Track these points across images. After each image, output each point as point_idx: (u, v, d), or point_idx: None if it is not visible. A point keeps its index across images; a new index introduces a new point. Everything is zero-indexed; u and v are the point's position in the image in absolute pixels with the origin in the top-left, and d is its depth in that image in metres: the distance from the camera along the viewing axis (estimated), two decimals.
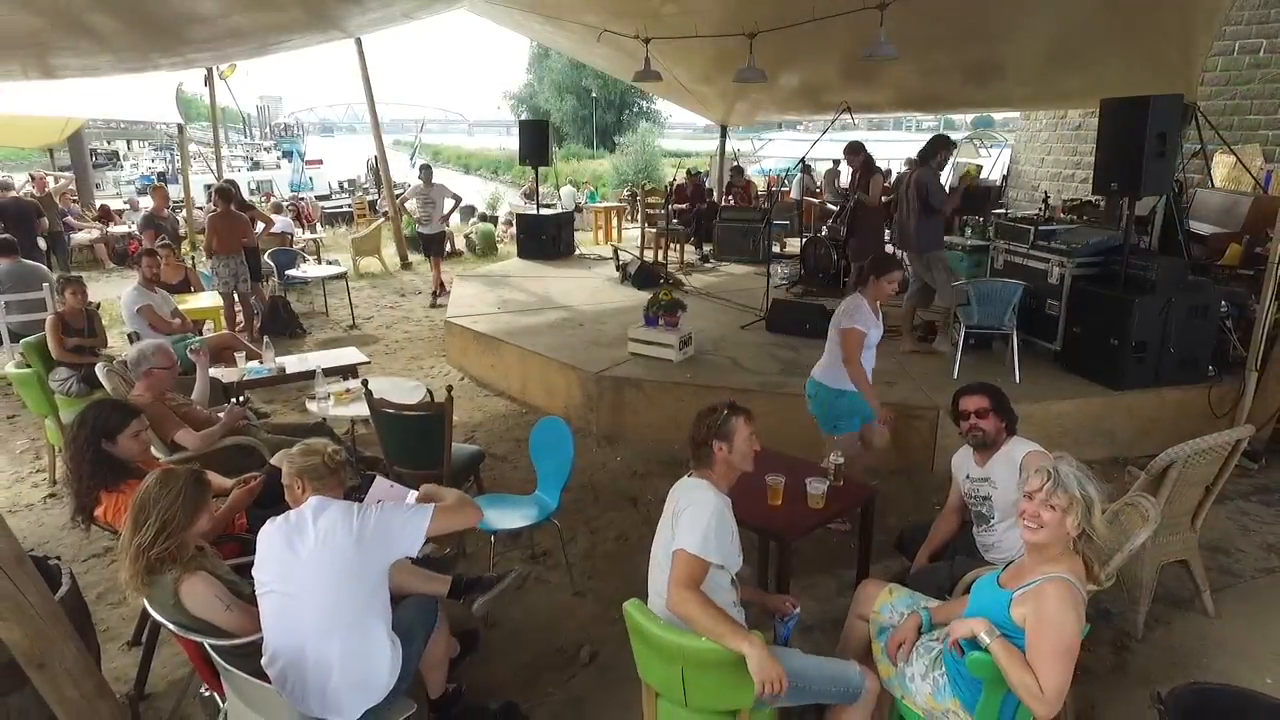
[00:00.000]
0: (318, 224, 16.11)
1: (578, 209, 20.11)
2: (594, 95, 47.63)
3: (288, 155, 40.06)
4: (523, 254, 10.48)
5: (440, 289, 9.48)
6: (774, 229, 10.40)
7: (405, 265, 11.76)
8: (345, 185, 29.87)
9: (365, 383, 3.89)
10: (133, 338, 5.78)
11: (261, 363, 5.31)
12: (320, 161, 34.75)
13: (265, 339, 5.56)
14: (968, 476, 2.94)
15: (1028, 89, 9.52)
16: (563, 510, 3.68)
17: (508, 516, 3.46)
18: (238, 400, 4.61)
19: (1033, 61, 8.12)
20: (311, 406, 4.31)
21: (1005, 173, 14.63)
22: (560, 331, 6.63)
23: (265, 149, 48.57)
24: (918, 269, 5.98)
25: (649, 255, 10.05)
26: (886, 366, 5.53)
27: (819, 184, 16.24)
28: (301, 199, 17.51)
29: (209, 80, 17.98)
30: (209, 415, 4.04)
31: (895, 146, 16.06)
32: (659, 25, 8.02)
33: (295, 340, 8.14)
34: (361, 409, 3.98)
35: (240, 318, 8.11)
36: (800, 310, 6.52)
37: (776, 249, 10.44)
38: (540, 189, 25.67)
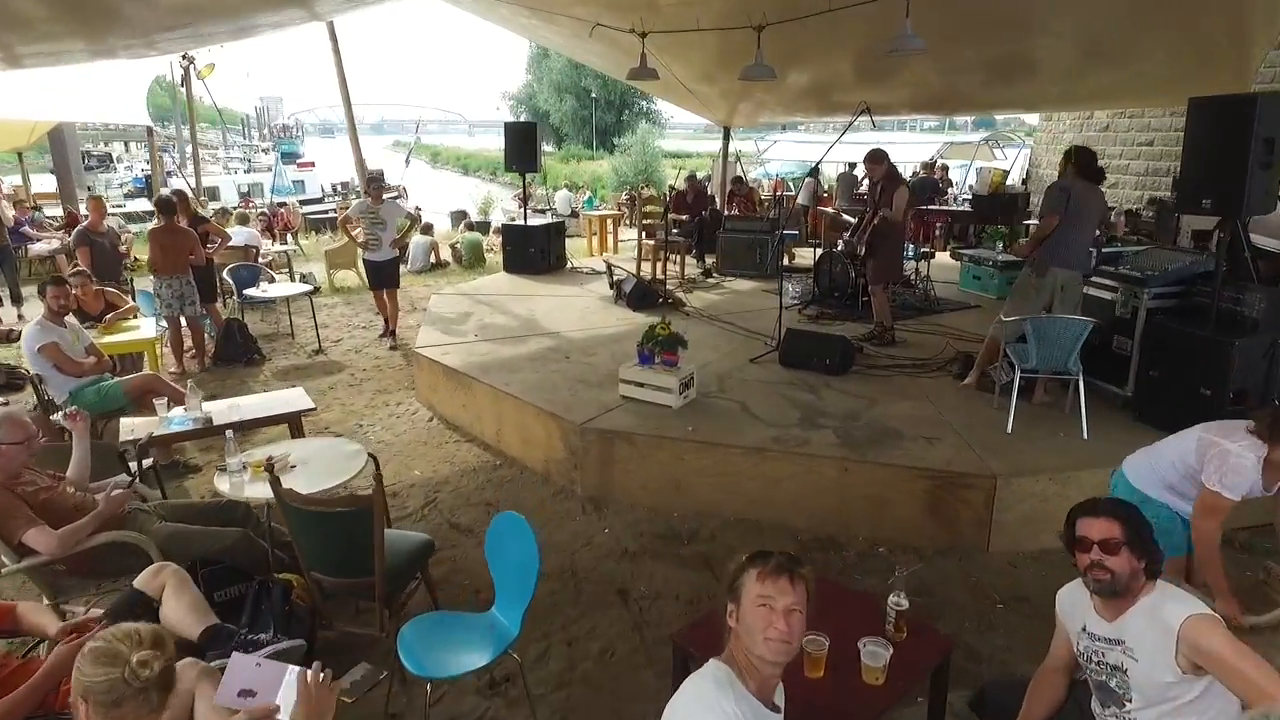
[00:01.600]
0: (298, 232, 15.27)
1: (573, 214, 19.31)
2: (593, 95, 47.00)
3: (287, 156, 39.32)
4: (510, 267, 9.62)
5: (388, 330, 7.93)
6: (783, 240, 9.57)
7: None
8: (338, 188, 29.09)
9: (271, 467, 3.03)
10: (36, 381, 4.93)
11: (186, 409, 4.47)
12: (312, 164, 33.94)
13: (189, 382, 4.71)
14: (1087, 631, 2.07)
15: (1058, 87, 8.69)
16: (532, 610, 2.81)
17: (450, 658, 2.59)
18: (132, 473, 3.74)
19: (1066, 57, 7.28)
20: (220, 484, 3.45)
21: (1025, 176, 13.75)
22: (543, 366, 5.77)
23: (263, 150, 47.92)
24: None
25: (646, 269, 9.21)
26: (923, 413, 4.69)
27: (827, 189, 15.39)
28: (283, 205, 16.68)
29: (186, 80, 17.23)
30: (83, 499, 3.19)
31: (896, 149, 15.24)
32: (657, 18, 7.17)
33: (252, 368, 7.29)
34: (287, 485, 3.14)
35: (190, 344, 7.27)
36: (818, 342, 5.65)
37: (785, 260, 9.59)
38: (534, 192, 24.91)
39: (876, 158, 6.07)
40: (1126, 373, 4.57)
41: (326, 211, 20.48)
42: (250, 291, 7.82)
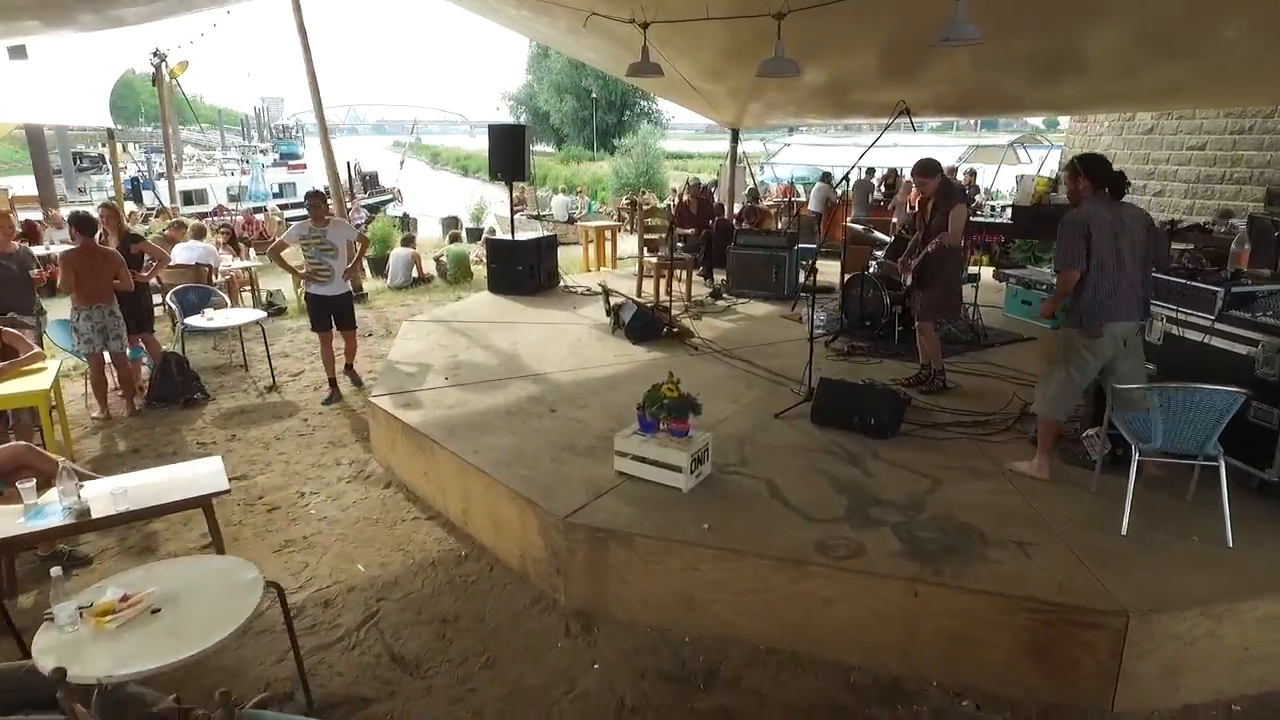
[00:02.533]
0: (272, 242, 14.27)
1: (571, 220, 18.28)
2: (594, 96, 46.19)
3: (286, 157, 38.42)
4: (495, 287, 8.60)
5: (332, 385, 6.38)
6: (801, 256, 8.54)
7: (359, 296, 9.88)
8: (329, 191, 28.06)
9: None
10: None
11: (61, 495, 3.44)
12: (304, 165, 32.91)
13: (62, 462, 3.66)
14: None
15: (1114, 85, 7.63)
16: None
17: None
18: None
19: (1126, 49, 6.22)
20: (40, 640, 2.41)
21: (1054, 182, 12.70)
22: (522, 424, 4.74)
23: (261, 151, 47.06)
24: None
25: (648, 288, 8.19)
26: (1006, 501, 3.65)
27: (840, 194, 14.32)
28: (261, 210, 15.68)
29: (158, 79, 16.23)
30: None
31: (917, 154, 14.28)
32: (659, 7, 6.15)
33: (191, 410, 6.27)
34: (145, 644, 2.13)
35: (115, 384, 6.25)
36: (860, 396, 4.61)
37: (806, 279, 8.56)
38: (533, 194, 23.85)
39: (927, 169, 5.02)
40: (1271, 450, 3.53)
41: None
42: (192, 320, 6.79)
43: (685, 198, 9.60)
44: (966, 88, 8.17)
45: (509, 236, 8.61)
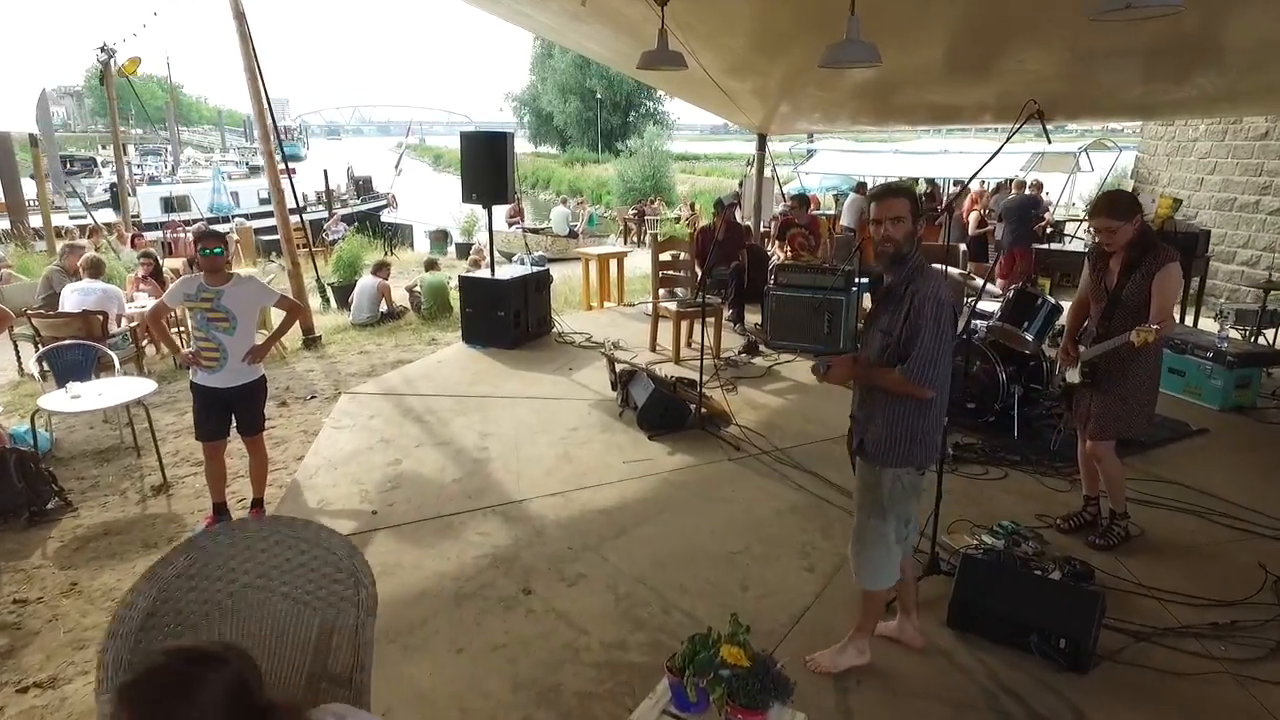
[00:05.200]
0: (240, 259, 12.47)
1: (572, 234, 16.47)
2: (599, 96, 44.55)
3: (289, 159, 36.88)
4: (470, 336, 6.81)
5: (219, 512, 4.25)
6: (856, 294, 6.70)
7: (309, 341, 8.08)
8: (320, 197, 26.36)
9: None
10: None
11: None
12: (293, 170, 31.19)
13: None
14: None
15: (1249, 81, 5.84)
16: None
17: None
18: None
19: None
20: None
21: (1176, 203, 10.68)
22: (475, 623, 2.93)
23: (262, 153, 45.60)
24: None
25: (664, 337, 6.40)
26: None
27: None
28: (223, 221, 13.98)
29: (106, 77, 14.53)
30: None
31: (968, 161, 12.10)
32: None
33: (36, 531, 4.47)
34: None
35: None
36: (1031, 594, 2.78)
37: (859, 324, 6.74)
38: (527, 205, 21.97)
39: (1119, 207, 3.14)
40: None
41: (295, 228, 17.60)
42: (48, 400, 4.98)
43: (713, 220, 7.77)
44: (1047, 89, 6.41)
45: (488, 272, 6.78)
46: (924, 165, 12.72)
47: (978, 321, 4.93)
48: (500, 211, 12.52)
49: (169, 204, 20.82)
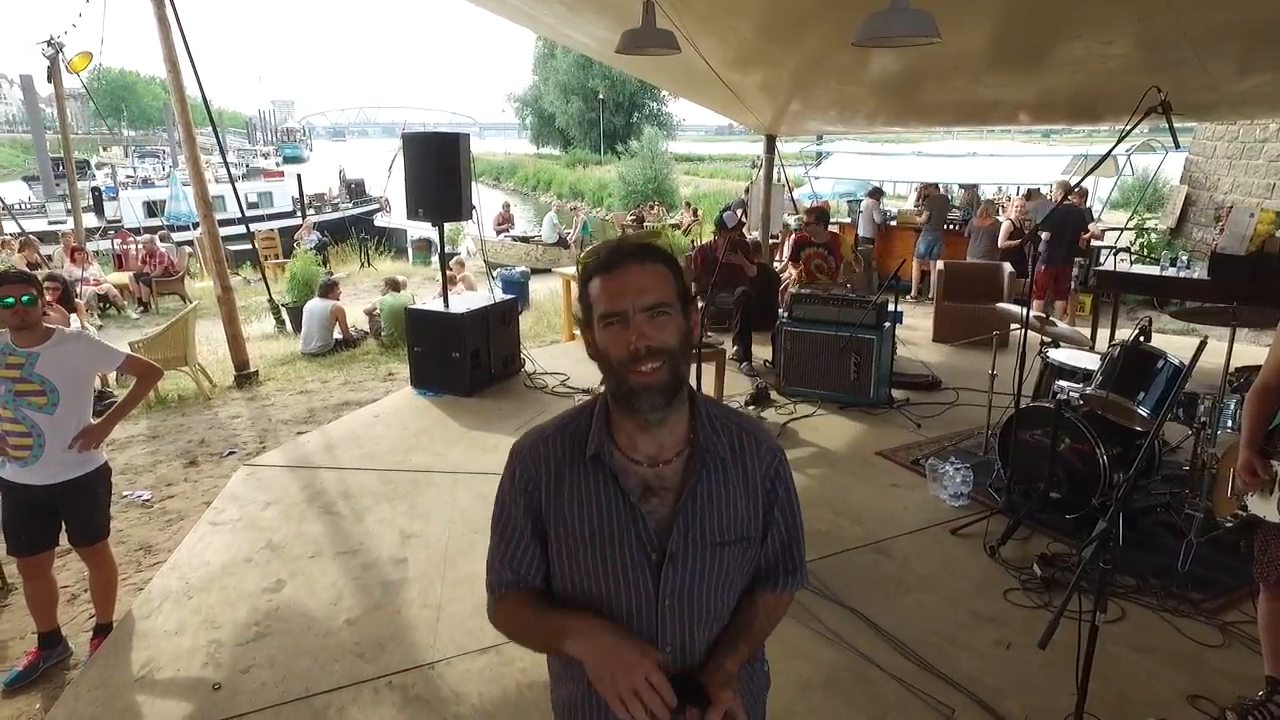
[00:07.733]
0: (187, 275, 11.35)
1: (562, 242, 15.28)
2: (601, 97, 43.49)
3: (290, 161, 35.95)
4: (419, 380, 5.62)
5: (48, 643, 3.04)
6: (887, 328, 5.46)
7: (242, 379, 6.90)
8: (312, 202, 25.23)
9: None
10: None
11: None
12: (281, 174, 30.06)
13: None
14: None
15: None
16: None
17: None
18: None
19: None
20: None
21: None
22: None
23: (263, 155, 44.65)
24: None
25: None
26: None
27: (889, 215, 11.17)
28: (170, 233, 12.90)
29: (53, 73, 13.41)
30: None
31: (1003, 165, 10.81)
32: None
33: None
34: None
35: None
36: None
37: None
38: (515, 212, 20.74)
39: None
40: None
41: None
42: None
43: (715, 238, 6.54)
44: (1097, 86, 5.26)
45: (440, 305, 5.57)
46: (949, 169, 11.47)
47: (1063, 383, 3.69)
48: (485, 224, 11.20)
49: (152, 209, 19.68)
